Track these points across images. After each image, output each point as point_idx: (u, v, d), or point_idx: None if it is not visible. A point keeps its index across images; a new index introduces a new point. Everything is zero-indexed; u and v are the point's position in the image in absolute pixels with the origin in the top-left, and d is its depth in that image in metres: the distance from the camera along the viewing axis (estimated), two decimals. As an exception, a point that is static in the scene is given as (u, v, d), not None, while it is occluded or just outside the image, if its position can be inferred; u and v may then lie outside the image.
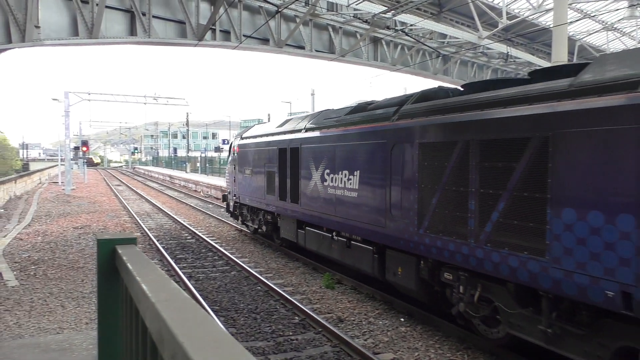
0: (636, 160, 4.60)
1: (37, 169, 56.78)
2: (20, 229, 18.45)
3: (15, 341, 7.25)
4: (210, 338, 0.71)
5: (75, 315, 8.70)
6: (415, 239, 7.84)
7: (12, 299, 9.54)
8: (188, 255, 14.31)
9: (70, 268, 12.26)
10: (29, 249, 14.57)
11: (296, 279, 11.73)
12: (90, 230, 18.18)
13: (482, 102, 6.69)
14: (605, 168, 4.90)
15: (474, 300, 6.96)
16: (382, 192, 8.80)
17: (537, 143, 5.65)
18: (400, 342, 7.76)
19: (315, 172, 11.47)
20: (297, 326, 8.49)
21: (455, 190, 6.94)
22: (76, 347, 6.92)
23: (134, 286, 1.28)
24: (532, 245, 5.70)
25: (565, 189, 5.31)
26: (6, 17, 14.06)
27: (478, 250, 6.51)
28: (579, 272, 5.13)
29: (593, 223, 5.00)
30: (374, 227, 9.07)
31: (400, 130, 8.35)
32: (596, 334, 5.31)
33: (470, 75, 29.59)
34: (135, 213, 23.16)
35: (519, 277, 5.89)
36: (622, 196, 4.74)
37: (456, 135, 6.96)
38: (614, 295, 4.77)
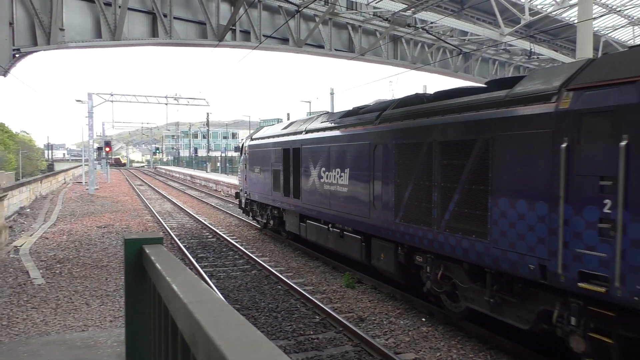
0: (548, 157, 5.79)
1: (61, 169, 57.85)
2: (46, 228, 18.82)
3: (42, 338, 7.39)
4: (246, 340, 0.70)
5: (100, 313, 8.83)
6: (393, 227, 9.02)
7: (39, 297, 9.73)
8: (209, 254, 14.43)
9: (94, 266, 12.46)
10: (55, 248, 14.86)
11: (316, 278, 11.73)
12: (114, 230, 18.45)
13: (442, 109, 7.90)
14: (527, 164, 6.11)
15: (437, 278, 8.20)
16: (366, 187, 10.00)
17: (481, 144, 6.85)
18: (421, 342, 7.70)
19: (313, 170, 12.65)
20: (318, 325, 8.49)
21: (423, 185, 8.16)
22: (101, 344, 7.02)
23: (164, 286, 1.28)
24: (478, 230, 6.88)
25: (500, 182, 6.50)
26: (32, 20, 14.35)
27: (440, 235, 7.71)
28: (510, 250, 6.33)
29: (520, 210, 6.19)
30: (361, 218, 10.23)
31: (381, 133, 9.55)
32: (525, 301, 6.51)
33: (491, 72, 29.22)
34: (157, 212, 23.44)
35: (469, 257, 7.10)
36: (538, 187, 5.93)
37: (422, 137, 8.19)
38: (535, 268, 5.96)
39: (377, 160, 9.61)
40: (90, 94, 36.85)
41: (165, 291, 1.25)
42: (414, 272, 9.15)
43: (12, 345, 6.99)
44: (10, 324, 8.13)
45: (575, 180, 5.52)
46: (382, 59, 23.85)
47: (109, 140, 44.00)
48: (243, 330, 0.76)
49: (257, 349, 0.67)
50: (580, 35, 14.25)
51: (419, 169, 8.25)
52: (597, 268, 5.28)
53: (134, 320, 1.92)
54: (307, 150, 13.13)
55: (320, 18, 19.98)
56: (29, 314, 8.67)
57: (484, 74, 28.90)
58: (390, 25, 21.42)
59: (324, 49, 21.25)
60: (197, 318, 0.83)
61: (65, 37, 14.92)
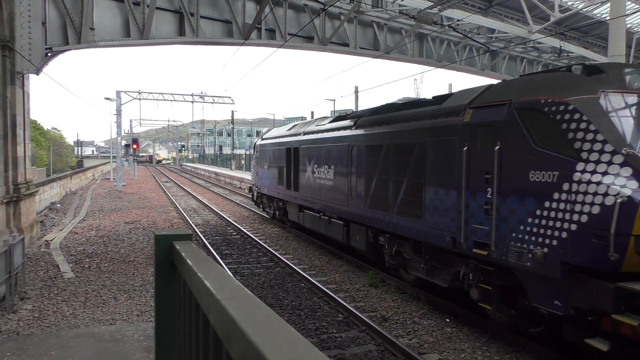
0: (456, 158, 7.79)
1: (90, 166, 59.09)
2: (76, 223, 19.26)
3: (72, 331, 7.58)
4: (282, 337, 0.71)
5: (127, 307, 9.00)
6: (364, 214, 11.14)
7: (69, 290, 9.97)
8: (233, 251, 14.56)
9: (121, 261, 12.70)
10: (84, 243, 15.19)
11: (340, 276, 11.72)
12: (140, 226, 18.77)
13: (396, 119, 10.01)
14: (445, 163, 8.15)
15: (392, 253, 10.25)
16: (346, 181, 12.15)
17: (419, 147, 8.92)
18: (445, 343, 7.64)
19: (308, 167, 14.80)
20: (341, 324, 8.49)
21: (383, 179, 10.25)
22: (128, 338, 7.16)
23: (196, 282, 1.30)
24: (416, 213, 8.97)
25: (430, 176, 8.58)
26: (64, 20, 14.69)
27: (394, 219, 9.75)
28: (435, 228, 8.37)
29: (440, 197, 8.26)
30: (342, 207, 12.42)
31: (356, 137, 11.71)
32: (445, 266, 8.68)
33: (519, 70, 28.72)
34: (182, 209, 23.77)
35: (412, 234, 9.19)
36: (451, 180, 7.94)
37: (382, 141, 10.33)
38: (449, 240, 7.95)
39: (353, 159, 11.79)
40: (118, 92, 37.52)
41: (197, 287, 1.26)
42: (379, 250, 11.02)
43: (44, 337, 7.19)
44: (41, 316, 8.34)
45: (472, 174, 7.51)
46: (407, 57, 23.68)
47: (136, 138, 44.78)
48: (278, 327, 0.76)
49: (294, 346, 0.67)
50: (612, 32, 13.88)
51: (381, 166, 10.38)
52: (483, 238, 7.25)
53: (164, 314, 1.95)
54: (304, 149, 15.29)
55: (345, 16, 19.94)
56: (59, 307, 8.88)
57: (512, 72, 28.42)
58: (416, 23, 21.24)
59: (349, 47, 21.21)
60: (232, 314, 0.84)
61: (96, 36, 15.23)
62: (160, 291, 1.94)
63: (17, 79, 14.01)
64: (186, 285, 1.57)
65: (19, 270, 9.25)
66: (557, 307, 6.30)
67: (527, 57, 29.15)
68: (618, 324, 5.51)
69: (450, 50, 25.17)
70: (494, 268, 7.32)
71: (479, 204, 7.35)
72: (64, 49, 14.83)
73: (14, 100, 13.83)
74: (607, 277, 5.69)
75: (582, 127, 6.17)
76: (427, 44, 24.24)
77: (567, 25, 24.53)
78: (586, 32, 27.63)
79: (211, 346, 1.15)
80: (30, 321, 8.05)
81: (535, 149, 6.55)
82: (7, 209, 13.54)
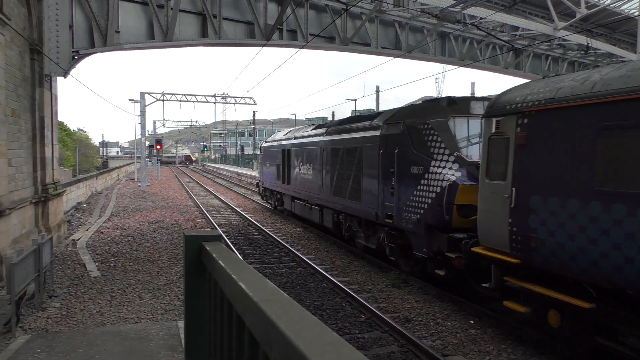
0: (377, 159, 11.46)
1: (115, 167, 60.07)
2: (101, 222, 19.61)
3: (99, 329, 7.71)
4: (325, 341, 0.71)
5: (152, 306, 9.11)
6: (330, 200, 15.02)
7: (95, 289, 10.14)
8: (255, 250, 14.64)
9: (146, 261, 12.88)
10: (109, 242, 15.45)
11: (362, 277, 11.69)
12: (164, 225, 19.01)
13: (347, 129, 14.07)
14: (371, 162, 11.81)
15: (346, 227, 14.25)
16: (320, 176, 15.83)
17: (359, 150, 12.74)
18: (470, 344, 7.54)
19: (296, 165, 18.58)
20: (364, 324, 8.46)
21: (340, 173, 14.06)
22: (153, 336, 7.26)
23: (229, 283, 1.31)
24: (358, 197, 12.73)
25: (364, 171, 12.33)
26: (90, 23, 14.97)
27: (347, 202, 13.60)
28: (367, 207, 12.04)
29: (369, 185, 11.96)
30: (317, 196, 16.19)
31: (325, 141, 15.55)
32: (374, 233, 12.43)
33: (543, 68, 28.23)
34: (205, 209, 23.99)
35: (357, 213, 12.96)
36: (375, 173, 11.53)
37: (340, 145, 14.20)
38: (374, 215, 11.54)
39: (323, 159, 15.57)
40: (142, 94, 38.04)
41: (231, 288, 1.27)
42: (340, 227, 14.94)
43: (71, 334, 7.34)
44: (69, 314, 8.51)
45: (384, 170, 11.27)
46: (429, 56, 23.49)
47: (159, 139, 45.34)
48: (319, 330, 0.76)
49: (337, 350, 0.67)
50: (641, 28, 13.54)
51: (339, 164, 14.24)
52: (390, 211, 10.92)
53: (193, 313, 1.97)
54: (293, 151, 19.05)
55: (367, 16, 19.87)
56: (86, 305, 9.04)
57: (536, 70, 27.95)
58: (438, 21, 21.06)
59: (370, 46, 21.13)
60: (271, 317, 0.83)
61: (121, 39, 15.48)
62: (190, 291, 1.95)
63: (45, 81, 14.32)
64: (217, 286, 1.58)
65: (47, 269, 9.45)
66: (424, 252, 10.02)
67: (552, 55, 28.64)
68: (449, 258, 9.02)
69: (473, 49, 24.88)
70: (396, 232, 11.13)
71: (388, 189, 11.18)
72: (91, 51, 15.10)
73: (42, 102, 14.15)
74: (444, 230, 9.31)
75: (434, 139, 9.95)
76: (449, 43, 24.00)
77: (594, 21, 24.00)
78: (614, 28, 27.03)
79: (246, 347, 1.15)
80: (58, 319, 8.21)
81: (414, 152, 10.34)
82: (36, 209, 13.85)
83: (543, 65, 28.40)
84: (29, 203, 13.06)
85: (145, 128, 38.82)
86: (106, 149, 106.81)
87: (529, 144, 7.14)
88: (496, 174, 7.84)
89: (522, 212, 7.18)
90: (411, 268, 10.94)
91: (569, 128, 6.46)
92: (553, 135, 6.73)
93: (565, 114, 6.52)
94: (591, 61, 29.22)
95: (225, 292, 1.41)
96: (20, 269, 7.45)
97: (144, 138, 38.65)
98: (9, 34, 11.58)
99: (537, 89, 7.23)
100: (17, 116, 12.38)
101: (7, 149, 11.20)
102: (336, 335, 0.75)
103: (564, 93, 6.59)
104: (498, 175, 7.80)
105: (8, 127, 11.40)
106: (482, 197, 8.11)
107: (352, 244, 14.39)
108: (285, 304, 0.94)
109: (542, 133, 6.90)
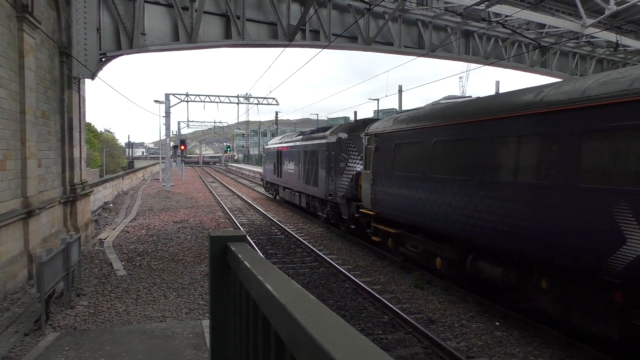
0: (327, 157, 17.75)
1: (140, 167, 61.00)
2: (127, 222, 19.93)
3: (125, 327, 7.83)
4: (353, 344, 0.70)
5: (176, 305, 9.22)
6: (303, 187, 21.16)
7: (121, 288, 10.31)
8: (278, 250, 14.69)
9: (170, 260, 13.04)
10: (135, 241, 15.70)
11: (384, 277, 11.63)
12: (188, 225, 19.23)
13: (313, 137, 20.23)
14: (324, 160, 18.17)
15: (312, 205, 20.89)
16: (297, 171, 22.16)
17: (317, 152, 19.18)
18: (495, 346, 7.44)
19: (285, 163, 25.14)
20: (387, 325, 8.41)
21: (308, 168, 20.31)
22: (178, 335, 7.34)
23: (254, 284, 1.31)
24: (317, 184, 19.05)
25: (320, 166, 18.64)
26: (116, 26, 15.23)
27: (311, 188, 19.93)
28: (321, 190, 18.47)
29: (322, 175, 18.35)
30: (297, 184, 22.29)
31: (300, 145, 21.84)
32: (325, 207, 18.92)
33: (571, 66, 27.64)
34: (228, 209, 24.19)
35: (316, 194, 19.42)
36: (327, 167, 17.73)
37: (308, 149, 20.54)
38: (326, 195, 17.87)
39: (299, 159, 21.77)
40: (167, 95, 38.49)
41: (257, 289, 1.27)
42: (309, 206, 21.22)
43: (99, 332, 7.47)
44: (96, 312, 8.66)
45: (328, 165, 17.35)
46: (452, 55, 23.22)
47: (184, 139, 45.84)
48: (348, 333, 0.75)
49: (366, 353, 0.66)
50: (673, 24, 13.15)
51: (307, 162, 20.25)
52: (330, 191, 17.27)
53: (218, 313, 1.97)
54: (283, 153, 25.65)
55: (389, 15, 19.77)
56: (112, 304, 9.19)
57: (563, 68, 27.39)
58: (462, 20, 20.82)
59: (393, 46, 21.01)
60: (298, 319, 0.83)
61: (146, 41, 15.71)
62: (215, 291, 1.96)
63: (74, 83, 14.63)
64: (242, 286, 1.58)
65: (76, 268, 9.65)
66: (347, 215, 16.22)
67: (579, 53, 28.00)
68: (357, 217, 15.19)
69: (498, 47, 24.52)
70: (334, 205, 17.39)
71: (330, 178, 17.33)
72: (117, 53, 15.36)
73: (71, 104, 14.45)
74: (354, 201, 15.69)
75: (351, 147, 16.57)
76: (474, 41, 23.70)
77: (624, 18, 23.41)
78: (644, 24, 26.29)
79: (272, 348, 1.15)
80: (86, 317, 8.37)
81: (341, 154, 16.55)
82: (64, 209, 14.16)
83: (570, 63, 27.81)
84: (57, 203, 13.35)
85: (170, 129, 39.29)
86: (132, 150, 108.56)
87: (377, 150, 13.30)
88: (367, 166, 14.04)
89: (374, 186, 13.40)
90: (346, 229, 17.02)
91: (387, 143, 12.69)
92: (383, 147, 12.88)
93: (386, 137, 12.82)
94: (620, 59, 28.50)
95: (250, 293, 1.41)
96: (50, 268, 7.62)
97: (168, 139, 39.12)
98: (39, 38, 11.86)
99: (380, 124, 13.66)
100: (46, 118, 12.67)
101: (37, 150, 11.47)
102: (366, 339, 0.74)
103: (384, 126, 13.11)
104: (368, 167, 13.98)
105: (38, 129, 11.68)
106: (363, 180, 14.59)
107: (316, 217, 20.85)
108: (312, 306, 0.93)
109: (382, 145, 13.02)
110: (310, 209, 21.03)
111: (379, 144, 12.99)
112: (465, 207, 9.02)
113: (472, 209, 8.80)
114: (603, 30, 22.93)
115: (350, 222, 16.07)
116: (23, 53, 10.53)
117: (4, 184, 9.68)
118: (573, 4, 22.08)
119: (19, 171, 10.50)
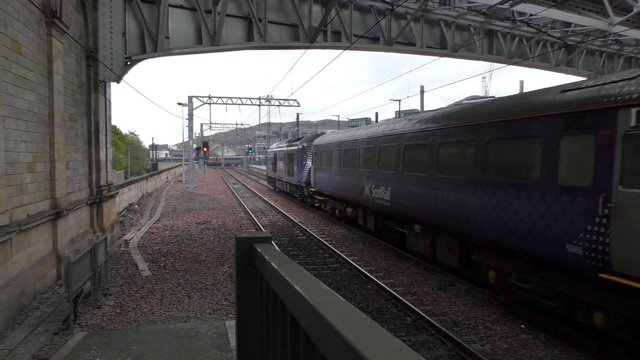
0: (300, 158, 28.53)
1: (164, 169, 61.83)
2: (152, 223, 20.22)
3: (150, 327, 7.94)
4: (387, 347, 0.70)
5: (200, 305, 9.31)
6: (287, 178, 32.68)
7: (146, 288, 10.46)
8: (300, 251, 14.72)
9: (194, 261, 13.18)
10: (159, 242, 15.91)
11: (407, 279, 11.56)
12: (211, 226, 19.41)
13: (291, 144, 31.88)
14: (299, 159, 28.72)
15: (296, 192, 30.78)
16: (284, 166, 33.42)
17: (294, 154, 30.11)
18: (521, 350, 7.32)
19: (280, 161, 35.09)
20: (410, 327, 8.36)
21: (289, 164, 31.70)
22: (202, 335, 7.41)
23: (282, 285, 1.32)
24: (293, 175, 30.36)
25: (295, 162, 29.56)
26: (141, 30, 15.48)
27: (291, 178, 31.23)
28: (296, 178, 29.45)
29: (296, 169, 29.23)
30: (285, 177, 33.25)
31: (286, 150, 32.75)
32: (297, 190, 30.48)
33: (597, 65, 27.07)
34: (250, 210, 24.36)
35: (293, 182, 30.85)
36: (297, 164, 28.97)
37: (288, 152, 31.96)
38: (297, 182, 29.14)
39: (285, 158, 32.62)
40: (190, 97, 38.95)
41: (285, 290, 1.28)
42: (292, 192, 31.89)
43: (125, 332, 7.59)
44: (122, 312, 8.81)
45: (298, 163, 28.56)
46: (476, 55, 22.96)
47: (206, 141, 46.32)
48: (381, 335, 0.75)
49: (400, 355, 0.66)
50: None
51: (288, 161, 31.66)
52: (300, 179, 28.22)
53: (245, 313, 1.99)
54: (278, 154, 35.43)
55: (412, 15, 19.65)
56: (138, 304, 9.33)
57: (590, 67, 26.83)
58: (486, 19, 20.57)
59: (415, 46, 20.87)
60: (330, 320, 0.83)
61: (170, 44, 15.92)
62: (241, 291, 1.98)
63: (100, 87, 14.91)
64: (269, 287, 1.59)
65: (102, 268, 9.82)
66: (307, 194, 27.16)
67: (606, 51, 27.41)
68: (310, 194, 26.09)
69: (522, 46, 24.15)
70: (301, 187, 28.54)
71: (299, 171, 28.23)
72: (142, 57, 15.60)
73: (97, 107, 14.74)
74: (308, 185, 26.27)
75: (308, 151, 26.65)
76: (497, 41, 23.39)
77: (653, 15, 22.78)
78: (674, 21, 25.58)
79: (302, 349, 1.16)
80: (112, 316, 8.51)
81: (304, 156, 27.48)
82: (91, 210, 14.43)
83: (597, 62, 27.23)
84: (84, 204, 13.62)
85: (193, 131, 39.72)
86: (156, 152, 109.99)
87: (316, 154, 23.36)
88: (313, 163, 23.93)
89: (315, 174, 23.49)
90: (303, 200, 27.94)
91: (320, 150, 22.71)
92: (318, 152, 22.90)
93: (320, 147, 22.59)
94: (650, 56, 27.78)
95: (278, 294, 1.42)
96: (77, 268, 7.77)
97: (191, 141, 39.57)
98: (67, 42, 12.12)
99: (318, 139, 24.02)
100: (74, 121, 12.94)
101: (65, 152, 11.72)
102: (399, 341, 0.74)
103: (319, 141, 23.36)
104: (313, 163, 23.87)
105: (66, 132, 11.94)
106: (311, 171, 24.42)
107: (294, 198, 30.76)
108: (342, 307, 0.93)
109: (318, 151, 23.05)
110: (292, 193, 31.59)
111: (316, 151, 23.23)
112: (347, 182, 18.24)
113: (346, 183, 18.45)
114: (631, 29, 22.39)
115: (307, 197, 26.75)
116: (52, 57, 10.77)
117: (34, 185, 9.92)
118: (600, 2, 21.63)
119: (48, 173, 10.74)
